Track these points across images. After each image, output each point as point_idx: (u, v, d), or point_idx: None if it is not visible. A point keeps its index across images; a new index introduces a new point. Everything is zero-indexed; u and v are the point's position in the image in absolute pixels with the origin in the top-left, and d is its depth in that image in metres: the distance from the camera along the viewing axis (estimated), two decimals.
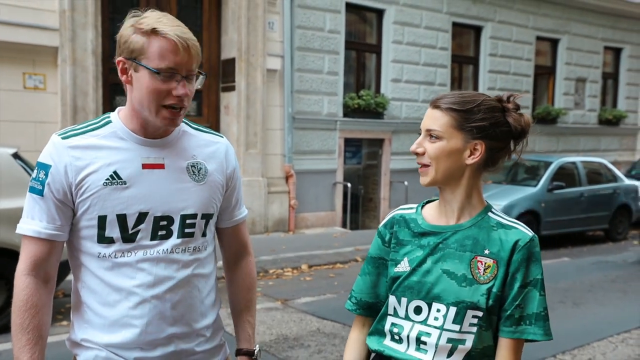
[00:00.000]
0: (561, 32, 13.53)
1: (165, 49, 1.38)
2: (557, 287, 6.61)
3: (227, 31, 9.02)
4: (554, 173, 9.49)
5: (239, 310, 1.71)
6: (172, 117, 1.44)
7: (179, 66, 1.40)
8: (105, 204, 1.43)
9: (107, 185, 1.43)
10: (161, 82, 1.40)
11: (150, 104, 1.42)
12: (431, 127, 1.42)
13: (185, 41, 1.39)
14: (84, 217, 1.44)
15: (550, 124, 13.50)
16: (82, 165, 1.43)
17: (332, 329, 4.97)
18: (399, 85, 10.89)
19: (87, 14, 7.47)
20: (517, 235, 1.41)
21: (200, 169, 1.54)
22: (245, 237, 1.74)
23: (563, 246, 9.61)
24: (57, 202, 1.44)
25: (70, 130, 1.49)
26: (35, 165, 1.49)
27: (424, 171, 1.44)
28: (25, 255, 1.46)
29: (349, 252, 8.12)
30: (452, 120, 1.41)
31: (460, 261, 1.41)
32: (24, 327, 1.41)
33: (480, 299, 1.38)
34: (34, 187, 1.46)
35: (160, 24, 1.40)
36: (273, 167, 9.45)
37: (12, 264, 5.26)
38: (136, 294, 1.45)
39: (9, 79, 7.22)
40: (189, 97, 1.44)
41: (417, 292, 1.42)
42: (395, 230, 1.50)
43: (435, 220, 1.48)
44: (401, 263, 1.46)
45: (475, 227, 1.43)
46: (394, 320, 1.46)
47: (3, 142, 6.23)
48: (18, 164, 4.85)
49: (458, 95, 1.43)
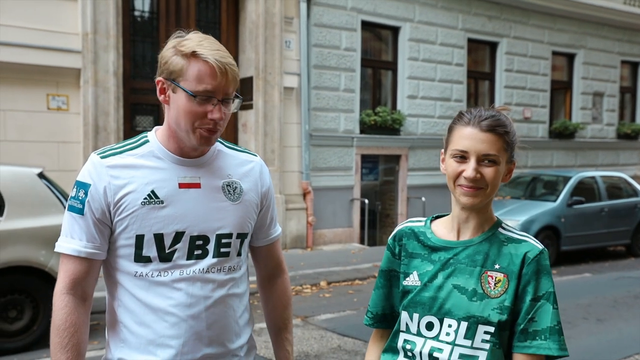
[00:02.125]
0: (577, 46, 13.49)
1: (203, 73, 1.40)
2: (579, 302, 6.52)
3: (244, 50, 9.16)
4: (573, 188, 9.40)
5: (277, 329, 1.71)
6: (208, 136, 1.45)
7: (216, 90, 1.41)
8: (143, 223, 1.44)
9: (144, 204, 1.44)
10: (197, 104, 1.41)
11: (186, 125, 1.44)
12: (489, 153, 1.38)
13: (224, 66, 1.40)
14: (122, 235, 1.45)
15: (567, 138, 13.40)
16: (121, 185, 1.44)
17: (353, 346, 4.95)
18: (415, 102, 10.93)
19: (108, 36, 7.64)
20: (527, 248, 1.41)
21: (235, 188, 1.55)
22: (279, 255, 1.74)
23: (584, 262, 9.48)
24: (96, 221, 1.45)
25: (109, 150, 1.51)
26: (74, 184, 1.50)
27: (475, 193, 1.40)
28: (64, 274, 1.46)
29: (368, 269, 8.10)
30: (504, 143, 1.40)
31: (471, 276, 1.40)
32: (63, 345, 1.42)
33: (491, 314, 1.37)
34: (74, 205, 1.47)
35: (200, 47, 1.41)
36: (290, 184, 9.50)
37: (37, 282, 5.35)
38: (172, 314, 1.45)
39: (34, 101, 7.38)
40: (224, 121, 1.46)
41: (428, 308, 1.42)
42: (405, 242, 1.50)
43: (445, 235, 1.47)
44: (410, 276, 1.47)
45: (485, 242, 1.43)
46: (406, 336, 1.46)
47: (28, 162, 6.36)
48: (43, 184, 4.95)
49: (494, 116, 1.41)
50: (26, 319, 4.78)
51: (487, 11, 11.78)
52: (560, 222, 9.07)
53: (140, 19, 8.58)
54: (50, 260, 4.74)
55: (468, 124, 1.40)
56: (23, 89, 7.31)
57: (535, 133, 12.87)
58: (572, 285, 7.53)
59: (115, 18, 7.67)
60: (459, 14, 11.38)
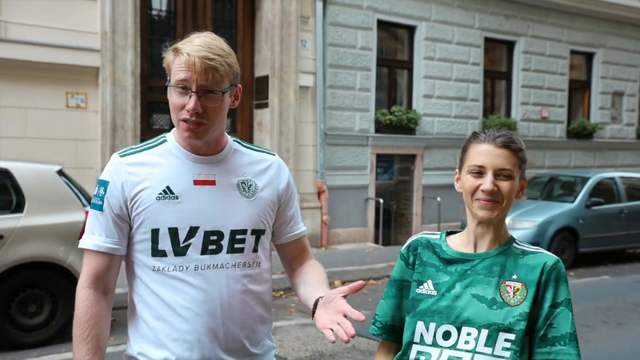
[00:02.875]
0: (596, 45, 13.33)
1: (179, 65, 1.45)
2: (598, 306, 6.44)
3: (260, 50, 9.19)
4: (591, 189, 9.28)
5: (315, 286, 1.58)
6: (189, 129, 1.46)
7: (188, 79, 1.43)
8: (158, 217, 1.48)
9: (159, 199, 1.48)
10: (177, 96, 1.46)
11: (173, 117, 1.50)
12: (505, 167, 1.44)
13: (195, 58, 1.42)
14: (139, 230, 1.49)
15: (586, 138, 13.25)
16: (137, 181, 1.49)
17: (367, 346, 4.95)
18: (430, 101, 10.88)
19: (127, 35, 7.72)
20: (544, 258, 1.45)
21: (250, 185, 1.57)
22: (307, 249, 1.75)
23: (602, 264, 9.35)
24: (115, 217, 1.50)
25: (129, 149, 1.57)
26: (97, 183, 1.56)
27: (492, 206, 1.45)
28: (86, 268, 1.51)
29: (382, 268, 8.08)
30: (518, 160, 1.47)
31: (489, 286, 1.43)
32: (84, 337, 1.46)
33: (512, 321, 1.39)
34: (95, 203, 1.53)
35: (186, 43, 1.46)
36: (305, 183, 9.51)
37: (56, 278, 5.42)
38: (188, 308, 1.47)
39: (54, 99, 7.49)
40: (205, 113, 1.45)
41: (446, 317, 1.43)
42: (420, 252, 1.53)
43: (461, 248, 1.50)
44: (424, 284, 1.48)
45: (502, 255, 1.47)
46: (420, 348, 1.45)
47: (46, 159, 6.45)
48: (62, 181, 5.01)
49: (507, 135, 1.48)
50: (45, 313, 4.86)
51: (504, 10, 11.69)
52: (578, 224, 8.96)
53: (157, 18, 8.66)
54: (69, 257, 4.80)
55: (484, 141, 1.47)
56: (43, 87, 7.41)
57: (553, 133, 12.74)
58: (590, 288, 7.44)
59: (133, 17, 7.75)
60: (475, 13, 11.30)
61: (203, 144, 1.52)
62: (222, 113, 1.51)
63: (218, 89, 1.46)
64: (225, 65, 1.46)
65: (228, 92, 1.49)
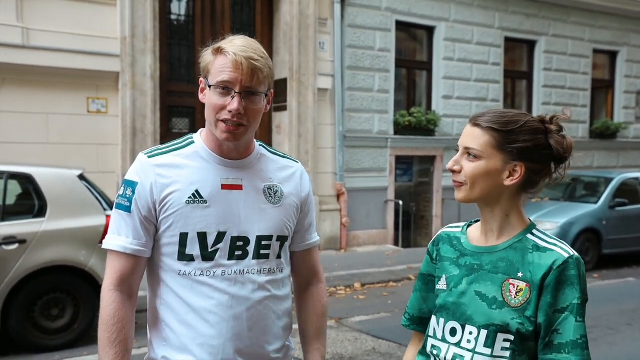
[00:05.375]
0: (620, 44, 13.09)
1: (222, 65, 1.43)
2: (622, 308, 6.31)
3: (279, 52, 9.20)
4: (615, 189, 9.12)
5: (309, 338, 1.68)
6: (228, 130, 1.45)
7: (232, 81, 1.42)
8: (187, 222, 1.46)
9: (189, 203, 1.46)
10: (218, 96, 1.44)
11: (210, 117, 1.47)
12: (470, 146, 1.38)
13: (242, 58, 1.41)
14: (166, 234, 1.48)
15: (609, 138, 13.02)
16: (166, 183, 1.47)
17: (387, 349, 4.91)
18: (450, 102, 10.78)
19: (146, 40, 7.79)
20: (552, 257, 1.34)
21: (276, 191, 1.57)
22: (316, 263, 1.72)
23: (627, 266, 9.18)
24: (143, 219, 1.48)
25: (156, 150, 1.54)
26: (121, 183, 1.54)
27: (457, 187, 1.42)
28: (111, 270, 1.49)
29: (402, 271, 8.03)
30: (492, 140, 1.37)
31: (493, 283, 1.38)
32: (111, 341, 1.44)
33: (510, 322, 1.34)
34: (121, 203, 1.49)
35: (228, 43, 1.45)
36: (325, 185, 9.49)
37: (77, 281, 5.47)
38: (214, 313, 1.46)
39: (75, 104, 7.58)
40: (246, 115, 1.45)
41: (452, 313, 1.42)
42: (440, 247, 1.51)
43: (476, 240, 1.46)
44: (441, 280, 1.48)
45: (510, 249, 1.39)
46: (433, 342, 1.46)
47: (69, 163, 6.53)
48: (84, 185, 5.07)
49: (500, 114, 1.38)
50: (67, 317, 4.90)
51: (524, 9, 11.54)
52: (602, 225, 8.80)
53: (176, 23, 8.72)
54: (90, 260, 4.84)
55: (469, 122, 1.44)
56: (65, 92, 7.51)
57: (576, 133, 12.53)
58: (614, 290, 7.29)
59: (152, 22, 7.81)
60: (495, 13, 11.18)
61: (235, 147, 1.51)
62: (260, 116, 1.51)
63: (261, 90, 1.46)
64: (267, 67, 1.46)
65: (267, 95, 1.50)
